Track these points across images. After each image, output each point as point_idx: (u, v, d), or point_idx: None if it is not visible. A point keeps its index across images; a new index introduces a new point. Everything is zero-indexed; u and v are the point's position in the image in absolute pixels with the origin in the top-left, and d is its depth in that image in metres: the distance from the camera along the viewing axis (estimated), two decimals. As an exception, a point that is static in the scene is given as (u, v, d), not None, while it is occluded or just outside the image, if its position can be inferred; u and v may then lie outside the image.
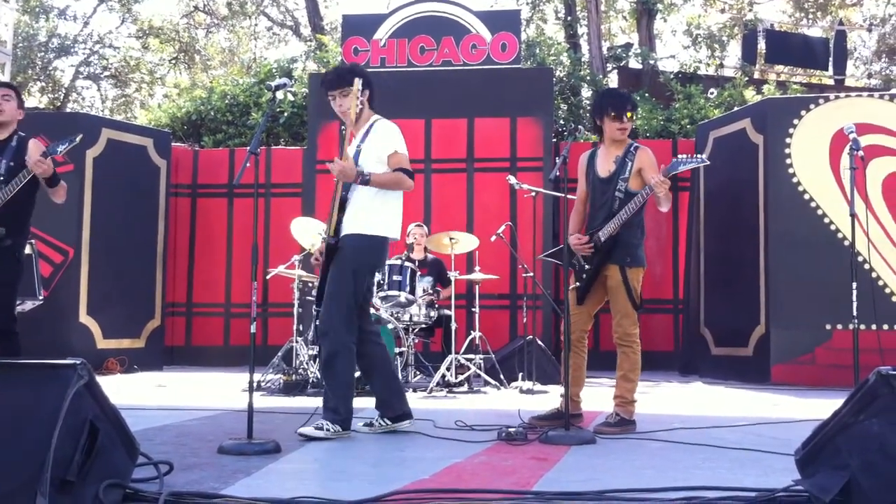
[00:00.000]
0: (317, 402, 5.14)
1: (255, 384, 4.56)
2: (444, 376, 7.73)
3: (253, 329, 4.38)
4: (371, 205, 4.82)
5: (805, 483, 2.85)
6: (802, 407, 6.56)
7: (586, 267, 5.14)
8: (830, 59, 16.58)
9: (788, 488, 2.95)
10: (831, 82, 16.75)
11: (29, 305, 7.98)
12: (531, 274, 8.26)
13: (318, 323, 4.74)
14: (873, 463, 2.67)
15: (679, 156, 4.96)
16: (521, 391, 7.65)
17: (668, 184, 4.87)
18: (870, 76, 22.69)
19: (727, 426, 5.24)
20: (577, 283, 5.17)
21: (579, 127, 4.77)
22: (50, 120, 10.71)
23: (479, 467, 3.79)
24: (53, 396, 2.52)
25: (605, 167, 5.14)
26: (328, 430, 4.57)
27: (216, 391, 7.51)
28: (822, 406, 6.51)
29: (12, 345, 5.00)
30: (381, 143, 4.86)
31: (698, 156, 5.02)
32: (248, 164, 4.28)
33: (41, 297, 8.33)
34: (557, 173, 4.80)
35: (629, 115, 5.08)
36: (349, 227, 4.78)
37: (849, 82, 18.36)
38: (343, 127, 4.43)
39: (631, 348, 5.09)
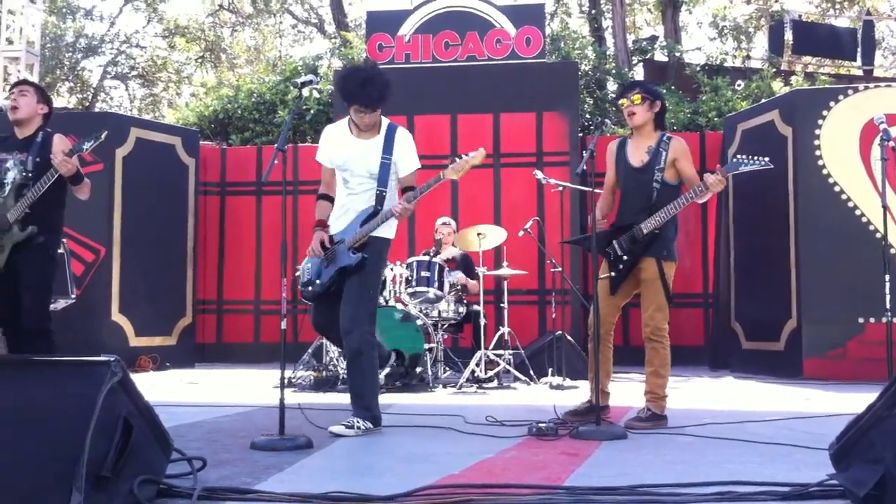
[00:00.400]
0: (347, 398, 5.16)
1: (285, 381, 4.58)
2: (473, 372, 7.73)
3: (284, 325, 4.40)
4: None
5: (839, 477, 2.83)
6: (835, 401, 6.50)
7: (624, 257, 5.06)
8: (858, 49, 16.38)
9: (822, 482, 2.92)
10: (860, 73, 16.55)
11: (62, 304, 8.08)
12: (560, 269, 8.24)
13: (345, 327, 4.70)
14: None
15: (739, 156, 4.84)
16: (551, 386, 7.64)
17: (725, 183, 4.82)
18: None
19: (759, 421, 5.20)
20: (612, 273, 5.10)
21: (605, 120, 4.76)
22: (79, 119, 10.81)
23: (510, 462, 3.78)
24: (88, 393, 2.54)
25: (637, 157, 5.09)
26: (359, 427, 4.59)
27: (247, 388, 7.57)
28: (855, 400, 6.43)
29: (47, 343, 5.05)
30: (409, 158, 4.92)
31: (761, 158, 4.81)
32: (275, 162, 4.29)
33: (74, 296, 8.43)
34: (584, 167, 4.78)
35: (635, 98, 5.04)
36: (380, 229, 4.83)
37: (877, 72, 18.11)
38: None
39: (661, 343, 5.06)
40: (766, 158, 4.86)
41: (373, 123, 4.89)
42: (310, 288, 4.86)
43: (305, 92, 4.68)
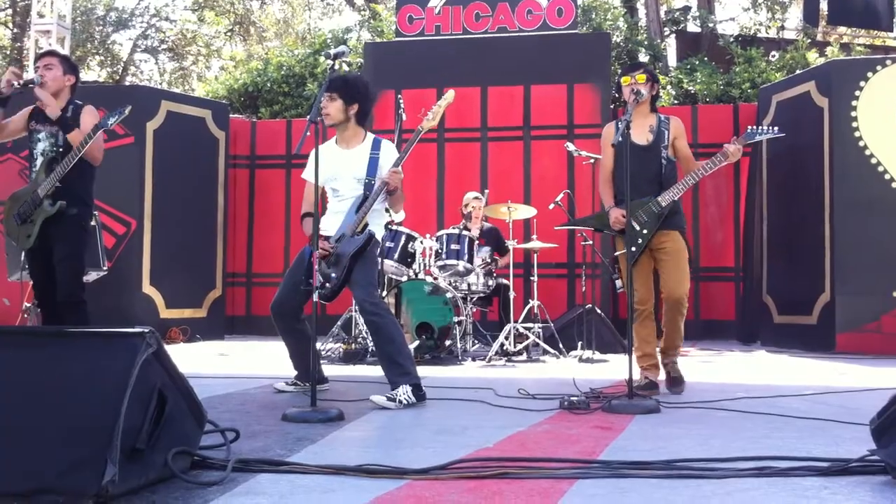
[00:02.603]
0: (376, 371, 5.17)
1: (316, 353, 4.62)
2: (502, 345, 7.71)
3: (315, 298, 4.40)
4: (381, 210, 5.19)
5: (880, 453, 2.77)
6: (870, 376, 6.43)
7: (644, 231, 5.08)
8: (895, 19, 16.03)
9: (863, 458, 2.87)
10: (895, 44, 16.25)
11: (93, 276, 8.14)
12: (590, 242, 8.19)
13: (360, 304, 4.88)
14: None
15: (752, 126, 5.03)
16: (581, 360, 7.61)
17: (740, 153, 4.96)
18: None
19: (793, 395, 5.15)
20: (632, 248, 5.08)
21: (640, 90, 4.70)
22: (110, 93, 10.87)
23: (543, 436, 3.76)
24: (122, 365, 2.54)
25: (641, 136, 5.19)
26: (401, 401, 4.59)
27: (276, 360, 7.58)
28: (891, 375, 6.40)
29: (81, 315, 5.08)
30: (392, 161, 5.03)
31: (773, 128, 5.02)
32: (308, 134, 4.27)
33: (105, 268, 8.49)
34: (620, 138, 4.77)
35: (640, 77, 5.19)
36: (372, 226, 5.01)
37: None
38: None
39: (682, 314, 5.14)
40: (776, 128, 5.05)
41: (329, 113, 5.04)
42: (327, 284, 4.93)
43: (337, 64, 4.67)
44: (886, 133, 8.56)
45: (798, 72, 10.99)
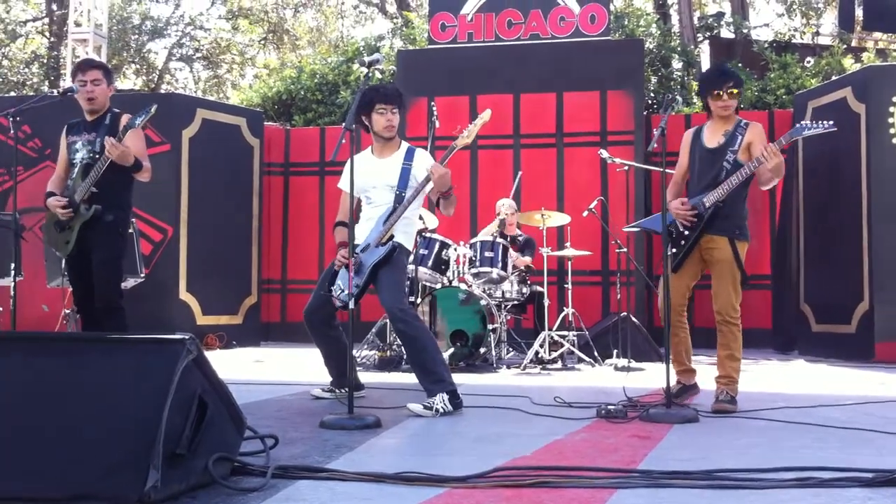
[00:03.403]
0: (411, 378, 5.17)
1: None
2: (537, 353, 7.69)
3: (351, 305, 4.41)
4: (413, 219, 5.23)
5: (929, 464, 2.74)
6: (912, 385, 6.34)
7: (685, 233, 4.99)
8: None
9: (911, 470, 2.83)
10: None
11: (131, 283, 8.22)
12: (625, 249, 8.14)
13: (390, 312, 4.85)
14: None
15: (802, 122, 4.82)
16: (616, 368, 7.57)
17: (778, 154, 4.72)
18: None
19: (834, 405, 5.08)
20: (673, 250, 5.03)
21: (676, 97, 4.65)
22: (146, 101, 10.91)
23: (580, 445, 3.75)
24: (163, 371, 2.56)
25: (713, 139, 5.06)
26: (438, 409, 4.58)
27: (312, 367, 7.60)
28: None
29: (120, 321, 5.13)
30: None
31: (823, 122, 4.77)
32: (343, 141, 4.28)
33: (143, 275, 8.57)
34: (655, 145, 4.72)
35: (732, 91, 5.00)
36: (400, 236, 5.03)
37: None
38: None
39: (736, 325, 4.97)
40: (830, 122, 4.80)
41: (395, 125, 5.10)
42: (344, 293, 4.94)
43: (371, 71, 4.68)
44: (925, 139, 8.44)
45: (834, 78, 10.87)
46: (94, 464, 2.47)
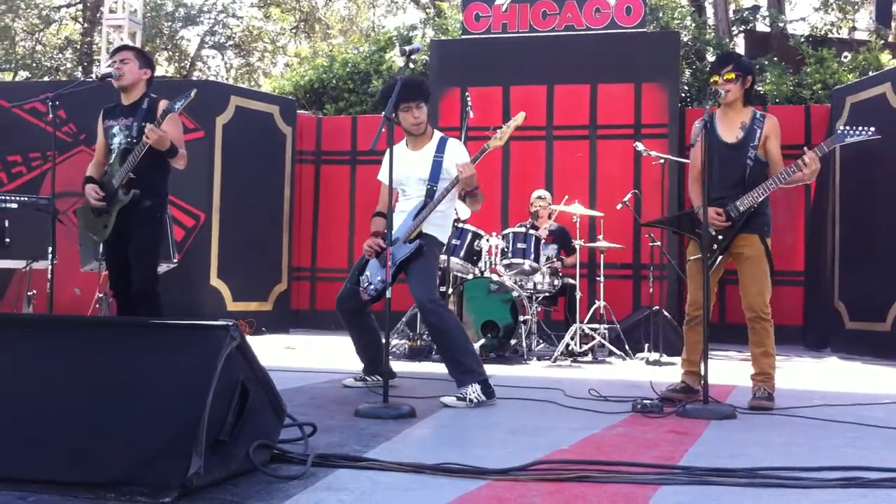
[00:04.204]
0: (441, 367, 5.15)
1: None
2: (568, 345, 7.66)
3: (388, 294, 4.40)
4: (448, 212, 5.19)
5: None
6: (948, 385, 6.25)
7: (719, 237, 4.89)
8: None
9: (962, 472, 2.78)
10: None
11: (164, 268, 8.25)
12: (658, 243, 8.08)
13: (420, 303, 4.84)
14: None
15: (844, 127, 4.70)
16: (648, 362, 7.52)
17: (817, 161, 4.65)
18: None
19: (872, 403, 5.02)
20: (707, 254, 4.92)
21: (719, 90, 4.57)
22: (180, 88, 10.95)
23: (618, 439, 3.72)
24: (207, 357, 2.56)
25: (730, 133, 4.93)
26: (471, 399, 4.56)
27: (342, 354, 7.61)
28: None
29: (155, 306, 5.15)
30: (461, 160, 4.97)
31: (868, 129, 4.64)
32: (383, 130, 4.27)
33: (175, 261, 8.62)
34: (699, 139, 4.65)
35: (728, 75, 4.86)
36: (432, 228, 5.02)
37: None
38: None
39: (769, 322, 4.90)
40: (873, 129, 4.68)
41: (422, 121, 5.08)
42: (371, 286, 4.97)
43: (400, 62, 4.67)
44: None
45: (871, 73, 10.72)
46: (137, 449, 2.47)
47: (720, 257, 4.91)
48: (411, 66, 4.94)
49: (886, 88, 8.91)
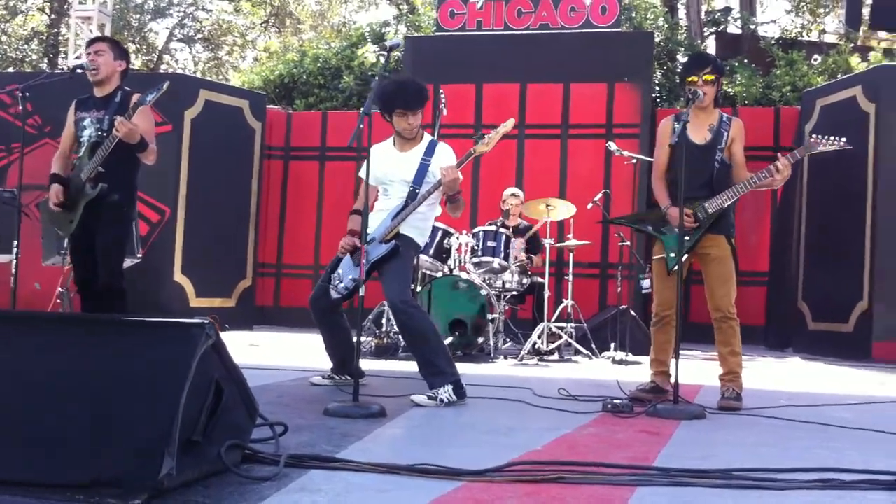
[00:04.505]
0: (409, 366, 5.10)
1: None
2: (535, 344, 7.65)
3: (362, 293, 4.35)
4: (428, 215, 5.13)
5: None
6: (912, 387, 6.33)
7: (686, 238, 4.85)
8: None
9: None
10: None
11: (127, 263, 8.12)
12: (627, 243, 8.11)
13: (392, 304, 4.81)
14: None
15: (815, 136, 4.74)
16: (614, 361, 7.55)
17: (790, 167, 4.72)
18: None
19: (839, 404, 5.07)
20: (671, 254, 4.93)
21: (698, 91, 4.58)
22: (149, 81, 10.82)
23: (590, 439, 3.71)
24: (181, 355, 2.51)
25: (699, 134, 4.95)
26: (442, 399, 4.53)
27: (308, 352, 7.55)
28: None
29: (121, 303, 5.07)
30: (446, 164, 4.91)
31: (839, 139, 4.67)
32: (361, 126, 4.22)
33: (139, 256, 8.48)
34: (677, 139, 4.67)
35: (707, 77, 4.89)
36: (410, 230, 4.97)
37: None
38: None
39: (736, 321, 4.95)
40: (844, 139, 4.72)
41: (416, 126, 5.02)
42: (342, 284, 4.94)
43: (372, 58, 4.62)
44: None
45: (840, 76, 10.83)
46: (108, 450, 2.41)
47: (685, 257, 4.90)
48: (384, 61, 4.86)
49: (857, 91, 9.00)
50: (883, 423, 4.23)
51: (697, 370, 6.54)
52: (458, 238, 7.69)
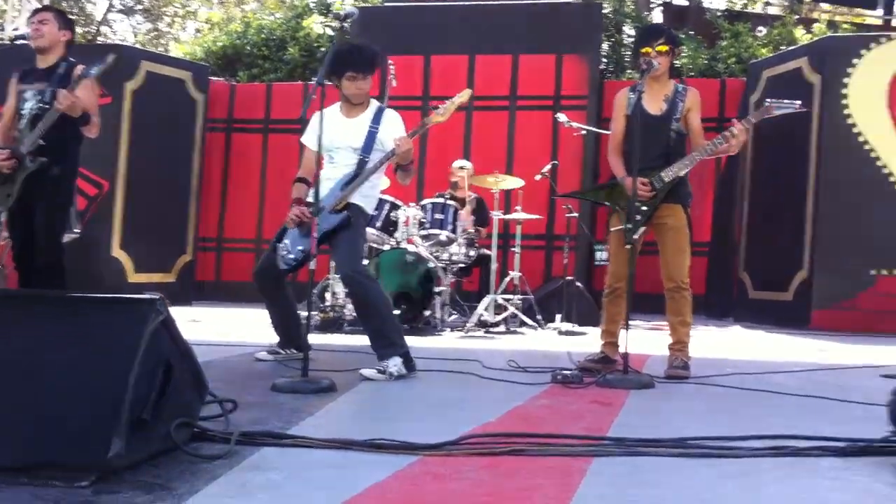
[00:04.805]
0: (355, 340, 5.03)
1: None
2: (481, 316, 7.65)
3: (312, 266, 4.29)
4: (376, 183, 5.12)
5: (903, 435, 2.75)
6: (851, 353, 6.47)
7: (643, 208, 4.88)
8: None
9: (886, 438, 2.84)
10: (879, 23, 16.18)
11: (66, 238, 7.92)
12: (576, 214, 8.13)
13: (344, 275, 4.82)
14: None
15: (769, 100, 4.76)
16: (561, 332, 7.57)
17: (746, 133, 4.77)
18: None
19: (784, 371, 5.14)
20: (629, 225, 4.94)
21: (653, 62, 4.57)
22: (89, 52, 10.55)
23: (544, 411, 3.71)
24: (131, 333, 2.43)
25: (654, 105, 4.95)
26: (391, 373, 4.49)
27: (251, 326, 7.44)
28: (872, 352, 6.43)
29: (61, 278, 4.94)
30: (398, 133, 4.87)
31: (793, 101, 4.70)
32: (313, 97, 4.14)
33: (77, 231, 8.28)
34: (633, 110, 4.67)
35: (661, 48, 4.89)
36: (361, 199, 4.91)
37: None
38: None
39: (689, 291, 4.98)
40: (799, 102, 4.77)
41: (365, 91, 4.97)
42: (291, 256, 4.85)
43: (319, 29, 4.53)
44: (875, 112, 8.54)
45: (784, 48, 10.95)
46: (56, 430, 2.34)
47: (642, 228, 4.91)
48: (332, 32, 4.78)
49: (803, 63, 9.10)
50: (827, 390, 4.30)
51: (644, 340, 6.60)
52: (405, 210, 7.62)
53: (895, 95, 8.50)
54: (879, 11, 15.87)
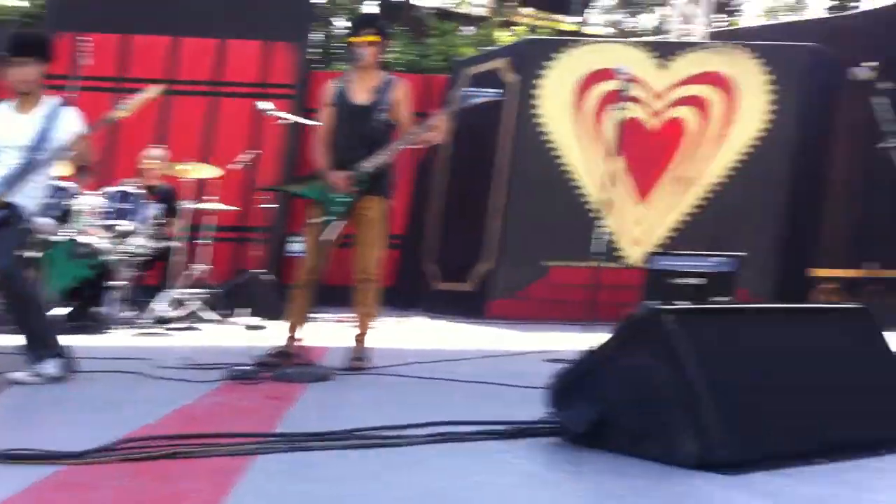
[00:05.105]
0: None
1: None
2: (158, 312, 7.24)
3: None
4: (44, 181, 4.62)
5: (561, 415, 2.86)
6: (524, 340, 6.84)
7: (344, 200, 4.81)
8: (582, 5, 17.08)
9: (542, 421, 2.95)
10: (574, 28, 17.31)
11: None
12: (274, 206, 7.95)
13: None
14: (629, 397, 2.72)
15: (468, 89, 4.83)
16: (248, 327, 7.36)
17: (448, 122, 4.82)
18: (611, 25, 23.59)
19: (459, 359, 5.30)
20: (328, 218, 4.86)
21: (362, 52, 4.58)
22: None
23: (213, 409, 3.54)
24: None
25: (362, 95, 4.92)
26: (50, 372, 4.08)
27: None
28: (542, 339, 6.82)
29: None
30: (73, 129, 4.46)
31: (491, 91, 4.85)
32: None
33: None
34: (337, 99, 4.62)
35: (369, 38, 4.87)
36: (24, 199, 4.42)
37: (589, 31, 18.98)
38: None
39: (378, 283, 4.99)
40: (500, 91, 4.93)
41: (30, 82, 4.45)
42: None
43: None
44: (562, 112, 9.10)
45: (485, 48, 11.39)
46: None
47: (343, 221, 4.83)
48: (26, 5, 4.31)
49: (504, 63, 9.51)
50: (497, 376, 4.47)
51: (327, 332, 6.55)
52: (84, 199, 7.04)
53: (582, 96, 9.11)
54: (577, 18, 17.03)
